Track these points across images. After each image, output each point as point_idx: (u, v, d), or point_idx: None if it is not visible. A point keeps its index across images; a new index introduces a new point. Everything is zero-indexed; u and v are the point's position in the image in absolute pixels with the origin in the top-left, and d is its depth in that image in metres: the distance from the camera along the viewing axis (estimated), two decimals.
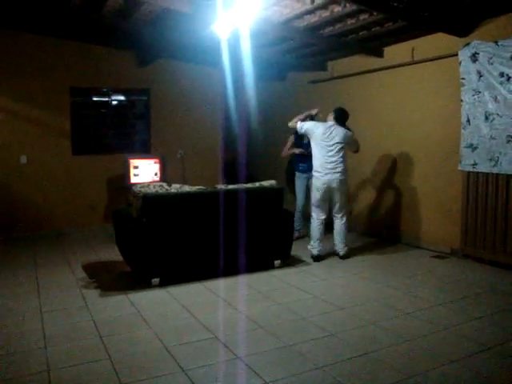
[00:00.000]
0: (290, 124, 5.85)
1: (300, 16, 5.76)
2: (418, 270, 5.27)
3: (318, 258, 5.61)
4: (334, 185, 5.47)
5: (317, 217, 5.63)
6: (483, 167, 5.24)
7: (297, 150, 6.47)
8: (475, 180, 5.38)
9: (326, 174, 5.44)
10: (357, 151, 5.84)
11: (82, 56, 7.41)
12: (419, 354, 3.23)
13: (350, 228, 5.97)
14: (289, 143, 6.66)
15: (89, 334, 3.60)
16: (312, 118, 6.02)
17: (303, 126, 5.61)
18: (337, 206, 5.62)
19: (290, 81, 8.68)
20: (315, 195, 5.59)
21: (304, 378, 2.92)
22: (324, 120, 5.71)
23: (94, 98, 7.89)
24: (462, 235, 5.56)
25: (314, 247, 5.64)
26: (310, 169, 6.31)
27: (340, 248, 5.65)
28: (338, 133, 5.47)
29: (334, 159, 5.43)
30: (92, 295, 4.49)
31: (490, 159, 5.15)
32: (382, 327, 3.69)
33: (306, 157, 6.24)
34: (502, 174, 5.08)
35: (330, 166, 5.43)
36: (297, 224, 6.65)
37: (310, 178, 6.45)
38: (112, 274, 5.24)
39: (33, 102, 7.15)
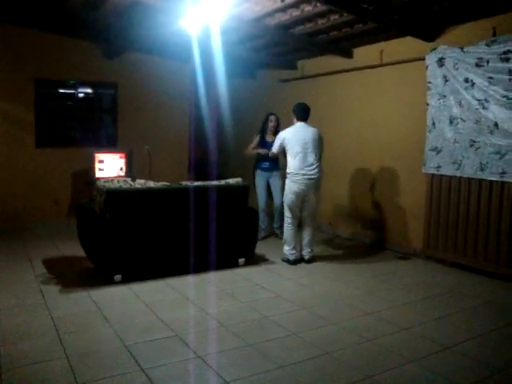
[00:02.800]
0: (252, 151, 6.49)
1: (271, 14, 5.75)
2: (382, 270, 5.33)
3: (294, 263, 5.49)
4: (311, 189, 5.35)
5: (292, 221, 5.48)
6: (446, 170, 5.34)
7: (261, 151, 6.39)
8: (439, 183, 5.47)
9: (304, 177, 5.28)
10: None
11: (47, 46, 7.20)
12: (380, 353, 3.27)
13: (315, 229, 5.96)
14: (254, 142, 6.63)
15: (46, 331, 3.51)
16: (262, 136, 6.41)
17: (278, 147, 5.48)
18: (309, 209, 5.48)
19: (260, 79, 8.67)
20: (291, 199, 5.39)
21: (265, 377, 2.91)
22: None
23: (60, 90, 7.71)
24: (425, 237, 5.66)
25: (292, 253, 5.49)
26: (272, 168, 6.32)
27: (306, 252, 5.54)
28: (310, 133, 5.34)
29: (309, 162, 5.29)
30: (51, 291, 4.38)
31: (454, 162, 5.25)
32: (343, 327, 3.71)
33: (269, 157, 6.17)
34: (465, 178, 5.18)
35: (306, 169, 5.28)
36: (262, 223, 6.63)
37: (270, 177, 6.47)
38: (73, 270, 5.12)
39: None
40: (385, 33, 5.85)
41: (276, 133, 6.07)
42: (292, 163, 5.35)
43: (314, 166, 5.33)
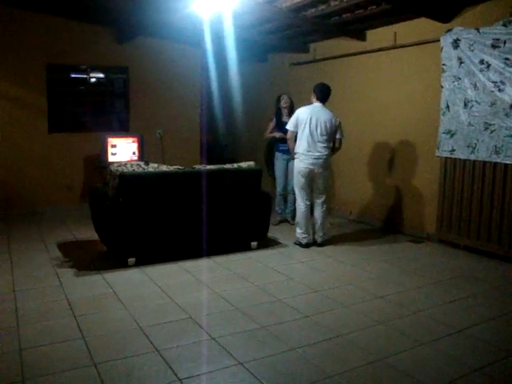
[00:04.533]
0: (269, 135, 6.55)
1: None
2: (394, 254, 5.33)
3: (306, 246, 5.49)
4: (318, 169, 5.33)
5: (304, 203, 5.46)
6: (461, 153, 5.29)
7: (277, 135, 6.40)
8: (452, 166, 5.43)
9: (310, 157, 5.28)
10: (339, 147, 5.55)
11: (59, 32, 7.20)
12: (391, 336, 3.28)
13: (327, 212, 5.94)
14: (271, 125, 6.62)
15: (62, 313, 3.57)
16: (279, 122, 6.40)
17: (292, 124, 5.39)
18: (319, 191, 5.49)
19: (271, 62, 8.62)
20: (299, 179, 5.41)
21: (277, 359, 2.94)
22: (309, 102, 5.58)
23: (72, 75, 7.71)
24: (438, 220, 5.63)
25: (305, 236, 5.49)
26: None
27: (319, 236, 5.54)
28: (325, 115, 5.30)
29: (317, 143, 5.27)
30: (67, 274, 4.44)
31: (468, 146, 5.20)
32: (355, 310, 3.73)
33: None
34: (479, 161, 5.13)
35: (314, 149, 5.28)
36: (278, 208, 6.65)
37: (290, 159, 6.43)
38: (88, 254, 5.18)
39: (7, 78, 6.95)
40: (399, 14, 5.77)
41: (291, 112, 5.98)
42: (300, 143, 5.35)
43: (322, 147, 5.31)
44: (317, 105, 5.39)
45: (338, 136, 5.46)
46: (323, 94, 5.39)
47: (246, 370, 2.80)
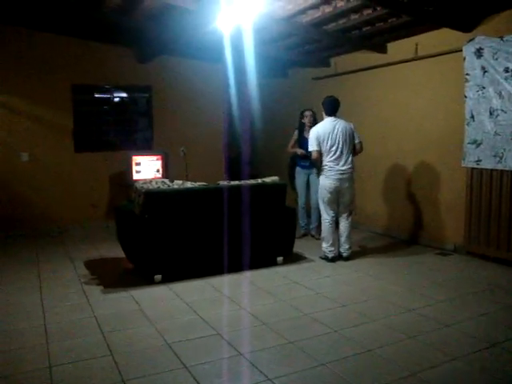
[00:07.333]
0: (291, 150, 6.63)
1: (303, 11, 5.73)
2: (422, 267, 5.24)
3: (333, 260, 5.45)
4: (345, 183, 5.32)
5: (329, 217, 5.44)
6: (487, 163, 5.20)
7: (299, 151, 6.40)
8: (479, 176, 5.34)
9: (337, 173, 5.26)
10: (360, 151, 5.51)
11: (83, 53, 7.38)
12: (423, 350, 3.21)
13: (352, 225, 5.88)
14: (292, 140, 6.63)
15: (91, 330, 3.59)
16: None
17: (315, 144, 5.32)
18: (344, 205, 5.45)
19: (292, 77, 8.65)
20: (326, 195, 5.37)
21: (307, 374, 2.90)
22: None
23: (96, 95, 7.87)
24: (466, 232, 5.53)
25: (331, 250, 5.44)
26: (311, 165, 6.26)
27: (344, 249, 5.49)
28: (340, 127, 5.30)
29: (342, 156, 5.27)
30: (94, 292, 4.48)
31: (495, 155, 5.11)
32: (384, 324, 3.66)
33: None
34: (507, 171, 5.03)
35: (339, 164, 5.26)
36: (301, 221, 6.64)
37: (310, 174, 6.42)
38: (114, 271, 5.23)
39: (35, 100, 7.14)
40: (420, 26, 5.74)
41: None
42: (325, 159, 5.33)
43: (347, 161, 5.31)
44: (329, 119, 5.38)
45: (356, 141, 5.43)
46: (331, 106, 5.42)
47: None
